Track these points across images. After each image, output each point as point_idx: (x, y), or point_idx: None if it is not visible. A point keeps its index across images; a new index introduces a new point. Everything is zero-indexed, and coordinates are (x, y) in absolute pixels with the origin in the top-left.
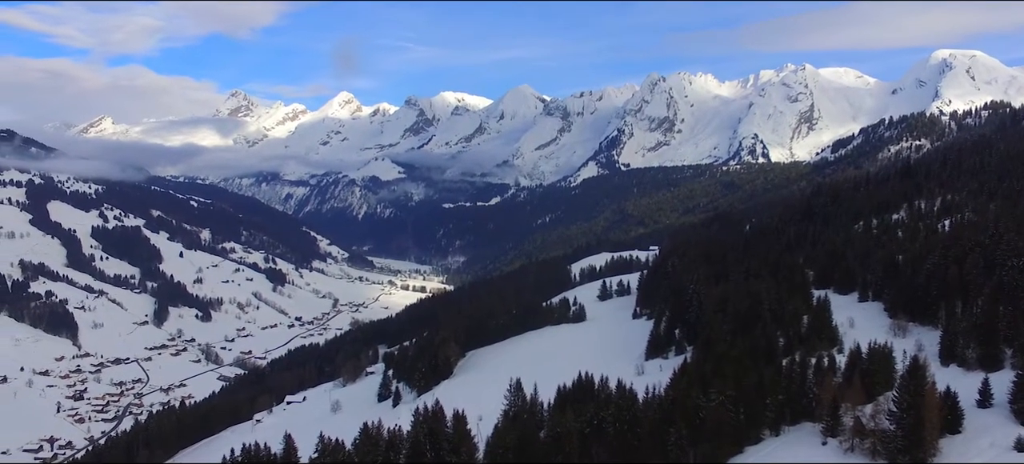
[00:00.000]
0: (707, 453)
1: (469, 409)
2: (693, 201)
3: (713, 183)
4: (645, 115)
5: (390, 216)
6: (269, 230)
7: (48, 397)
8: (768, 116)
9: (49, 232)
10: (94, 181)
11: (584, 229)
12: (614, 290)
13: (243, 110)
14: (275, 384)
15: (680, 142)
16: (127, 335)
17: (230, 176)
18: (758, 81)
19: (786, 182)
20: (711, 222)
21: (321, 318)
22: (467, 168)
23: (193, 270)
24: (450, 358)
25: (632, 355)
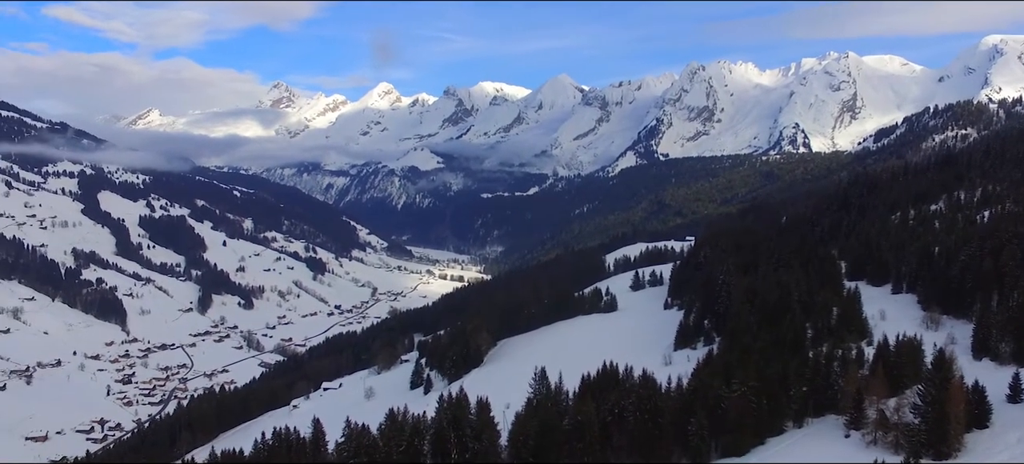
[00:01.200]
0: (728, 444)
1: (498, 397)
2: (731, 191)
3: (752, 173)
4: (684, 104)
5: (429, 206)
6: (310, 219)
7: (99, 380)
8: (809, 105)
9: (99, 221)
10: (142, 172)
11: (621, 219)
12: (647, 280)
13: (285, 101)
14: (313, 371)
15: (719, 132)
16: (173, 321)
17: (272, 166)
18: (800, 70)
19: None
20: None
21: (360, 307)
22: (505, 158)
23: (236, 259)
24: (481, 347)
25: (661, 345)
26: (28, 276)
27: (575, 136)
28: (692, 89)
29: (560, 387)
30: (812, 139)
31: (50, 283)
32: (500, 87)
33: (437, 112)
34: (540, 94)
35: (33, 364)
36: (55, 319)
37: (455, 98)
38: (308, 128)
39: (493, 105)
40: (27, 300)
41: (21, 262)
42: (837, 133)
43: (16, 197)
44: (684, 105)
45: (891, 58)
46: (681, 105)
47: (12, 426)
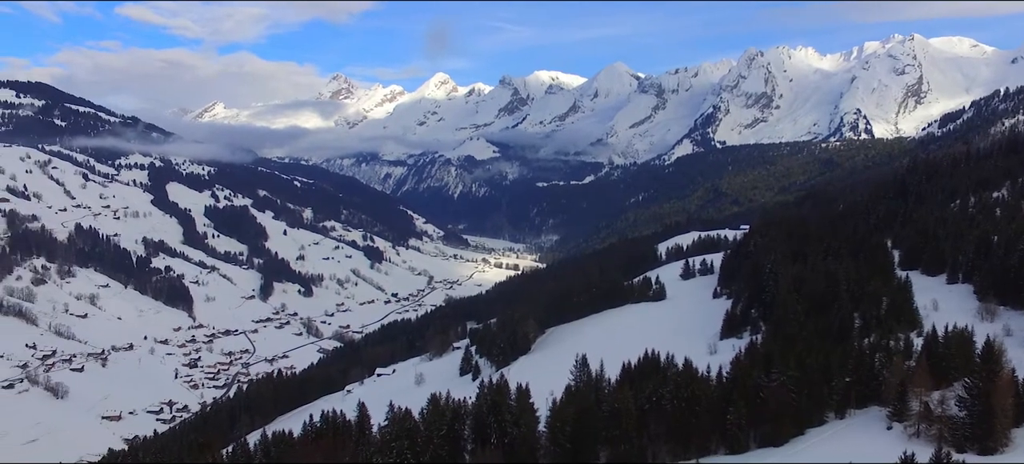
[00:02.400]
0: (766, 434)
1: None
2: (789, 179)
3: (811, 160)
4: (742, 91)
5: (485, 195)
6: (368, 209)
7: (167, 364)
8: (872, 90)
9: (168, 211)
10: (207, 163)
11: (677, 207)
12: (697, 269)
13: (343, 93)
14: (368, 357)
15: (778, 119)
16: (236, 308)
17: (331, 157)
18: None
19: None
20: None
21: (416, 294)
22: (561, 147)
23: (296, 247)
24: (529, 334)
25: (707, 335)
26: (103, 264)
27: (631, 124)
28: (750, 75)
29: (601, 375)
30: (874, 125)
31: (123, 271)
32: (556, 76)
33: (493, 102)
34: (596, 82)
35: (108, 348)
36: (128, 305)
37: (511, 87)
38: (366, 119)
39: (548, 94)
40: (102, 287)
41: (97, 251)
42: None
43: (92, 189)
44: (742, 92)
45: (960, 40)
46: (738, 92)
47: (90, 406)
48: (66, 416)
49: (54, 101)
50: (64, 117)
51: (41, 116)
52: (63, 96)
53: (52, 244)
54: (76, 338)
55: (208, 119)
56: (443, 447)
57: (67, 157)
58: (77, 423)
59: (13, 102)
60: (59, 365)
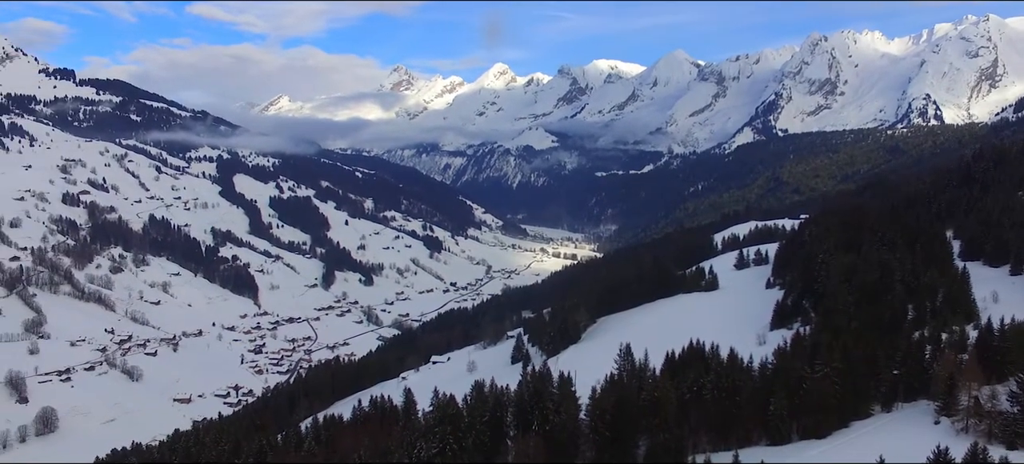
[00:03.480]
0: (809, 426)
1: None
2: (853, 167)
3: (875, 148)
4: (805, 77)
5: (543, 185)
6: (427, 199)
7: (234, 350)
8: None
9: (235, 202)
10: (272, 155)
11: (736, 196)
12: (751, 259)
13: (404, 84)
14: (424, 345)
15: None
16: (299, 296)
17: (392, 148)
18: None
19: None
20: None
21: (474, 284)
22: (620, 136)
23: (357, 237)
24: (579, 323)
25: (758, 325)
26: (174, 253)
27: (690, 112)
28: (813, 61)
29: (645, 364)
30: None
31: (193, 259)
32: (614, 64)
33: (551, 91)
34: (655, 71)
35: (179, 333)
36: (197, 293)
37: (569, 77)
38: (426, 110)
39: (607, 83)
40: (174, 275)
41: (169, 240)
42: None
43: (164, 181)
44: (804, 78)
45: None
46: (801, 78)
47: (162, 389)
48: (141, 398)
49: (130, 97)
50: (139, 112)
51: (118, 112)
52: (138, 92)
53: (128, 234)
54: (150, 324)
55: (273, 112)
56: (485, 433)
57: (142, 151)
58: (151, 405)
59: (94, 99)
60: (134, 349)
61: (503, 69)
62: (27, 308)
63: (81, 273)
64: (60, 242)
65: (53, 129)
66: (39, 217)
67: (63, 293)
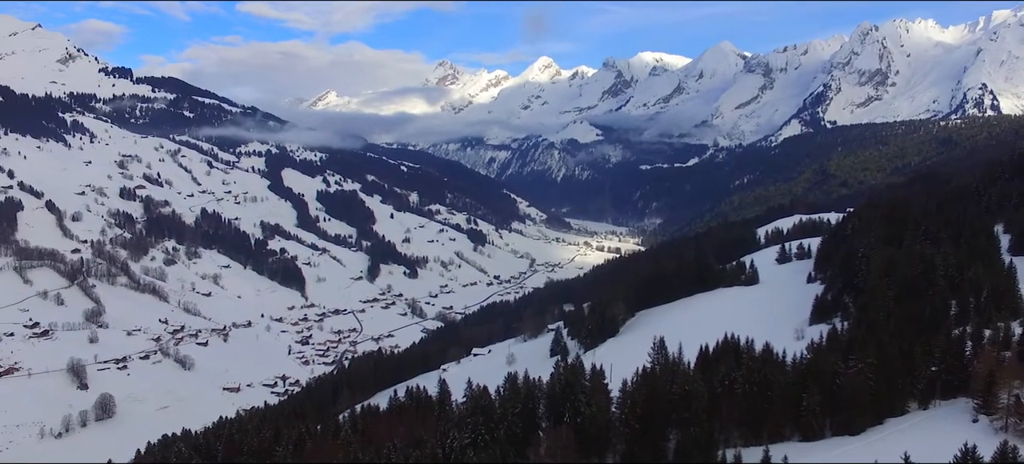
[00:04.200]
0: (842, 422)
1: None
2: (903, 160)
3: (927, 139)
4: (854, 68)
5: (588, 178)
6: (472, 193)
7: (281, 341)
8: (1000, 63)
9: (283, 196)
10: (319, 149)
11: (782, 190)
12: (793, 253)
13: (449, 78)
14: (466, 337)
15: (893, 96)
16: (345, 289)
17: (437, 142)
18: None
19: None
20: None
21: (518, 277)
22: (665, 129)
23: (402, 230)
24: (617, 317)
25: (797, 320)
26: (225, 246)
27: (737, 105)
28: (863, 51)
29: (678, 358)
30: (1002, 100)
31: (242, 252)
32: (660, 57)
33: (596, 84)
34: (700, 63)
35: (229, 324)
36: (246, 284)
37: (614, 70)
38: (471, 104)
39: (652, 76)
40: (224, 267)
41: (219, 233)
42: None
43: (216, 175)
44: (854, 69)
45: None
46: (851, 69)
47: (213, 378)
48: (192, 386)
49: (183, 94)
50: (192, 109)
51: (172, 108)
52: (191, 89)
53: (181, 227)
54: (201, 314)
55: (321, 107)
56: (517, 424)
57: (194, 146)
58: (202, 393)
59: (149, 96)
60: (187, 339)
61: (548, 62)
62: (87, 298)
63: (137, 265)
64: (117, 235)
65: (111, 126)
66: (98, 211)
67: (120, 284)
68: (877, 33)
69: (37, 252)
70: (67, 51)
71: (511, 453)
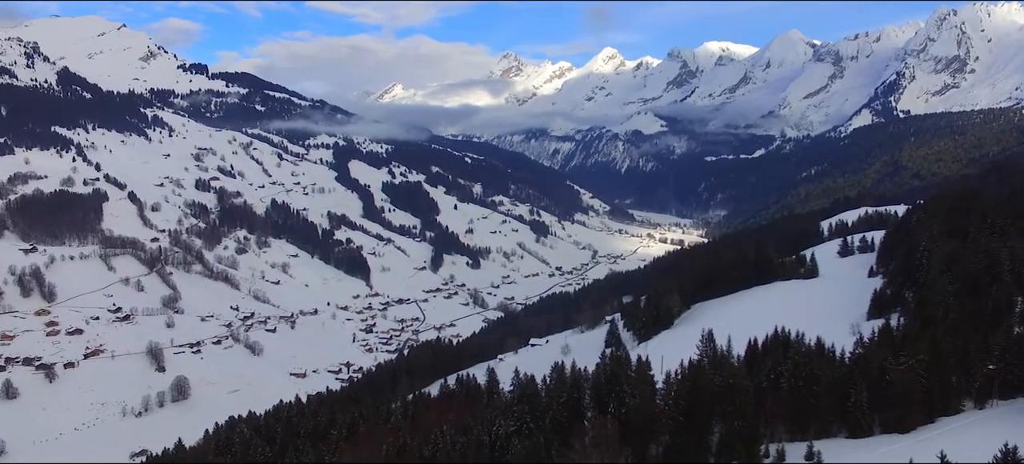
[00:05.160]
0: (891, 420)
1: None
2: (980, 150)
3: (1008, 129)
4: (930, 55)
5: (652, 170)
6: (535, 184)
7: (346, 328)
8: None
9: (349, 187)
10: (385, 141)
11: (851, 182)
12: (856, 247)
13: (513, 70)
14: (524, 328)
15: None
16: (408, 279)
17: (502, 133)
18: None
19: None
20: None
21: (580, 268)
22: (730, 120)
23: (465, 221)
24: (672, 309)
25: (854, 315)
26: (293, 235)
27: (805, 95)
28: (940, 37)
29: (727, 350)
30: None
31: (310, 242)
32: (726, 46)
33: (661, 75)
34: (768, 52)
35: (296, 312)
36: (313, 273)
37: (679, 60)
38: (535, 95)
39: (718, 66)
40: (292, 257)
41: (288, 223)
42: None
43: (285, 167)
44: (930, 56)
45: None
46: (926, 56)
47: (280, 363)
48: (261, 371)
49: (255, 89)
50: (263, 103)
51: (244, 103)
52: (262, 84)
53: (252, 217)
54: (270, 302)
55: (388, 100)
56: (562, 413)
57: (265, 139)
58: (270, 378)
59: (223, 91)
60: (256, 326)
61: (612, 53)
62: (165, 285)
63: (211, 254)
64: (193, 225)
65: (188, 120)
66: (176, 202)
67: (195, 272)
68: (955, 18)
69: (120, 240)
70: (149, 49)
71: (555, 442)
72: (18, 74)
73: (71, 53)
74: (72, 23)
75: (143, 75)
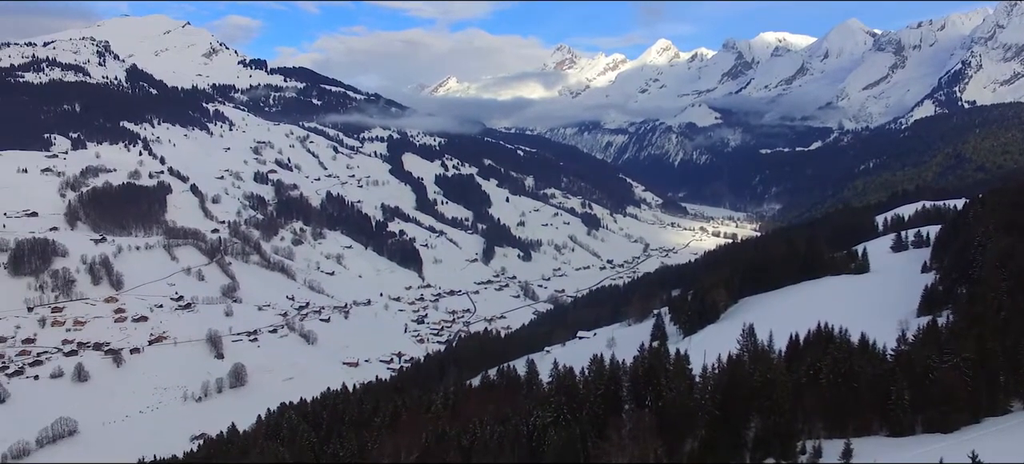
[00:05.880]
0: (933, 419)
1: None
2: None
3: None
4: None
5: (705, 162)
6: (587, 177)
7: (398, 319)
8: None
9: (403, 180)
10: (438, 134)
11: (911, 175)
12: (910, 242)
13: (567, 63)
14: (573, 320)
15: None
16: (460, 271)
17: (554, 126)
18: None
19: None
20: None
21: (631, 262)
22: (786, 112)
23: (517, 214)
24: (718, 303)
25: (903, 311)
26: (348, 227)
27: (864, 86)
28: (1010, 24)
29: (769, 345)
30: None
31: (364, 233)
32: (782, 37)
33: (715, 67)
34: (826, 42)
35: (350, 302)
36: (367, 265)
37: (734, 51)
38: (588, 88)
39: (774, 56)
40: (346, 248)
41: (343, 215)
42: None
43: (341, 160)
44: (998, 43)
45: None
46: (995, 43)
47: (334, 352)
48: (315, 359)
49: (312, 83)
50: (319, 97)
51: (301, 97)
52: (319, 78)
53: (308, 209)
54: (325, 292)
55: (442, 93)
56: (599, 405)
57: (321, 132)
58: (323, 366)
59: (281, 86)
60: (311, 315)
61: (666, 45)
62: (224, 275)
63: (268, 244)
64: (251, 216)
65: (247, 114)
66: (235, 194)
67: (253, 262)
68: None
69: (182, 231)
70: (211, 46)
71: (591, 433)
72: (91, 72)
73: (139, 51)
74: (140, 22)
75: (205, 71)
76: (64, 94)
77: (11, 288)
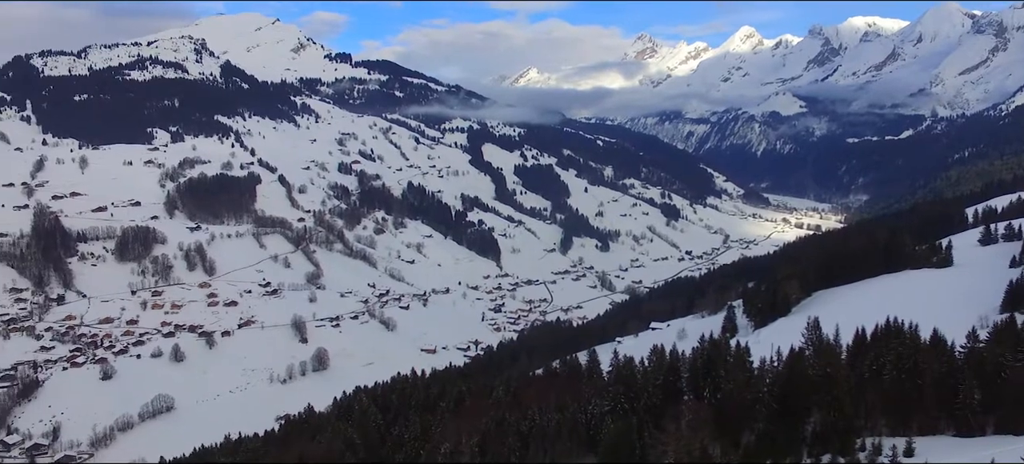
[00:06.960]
0: (1004, 419)
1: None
2: None
3: None
4: None
5: (789, 152)
6: (667, 167)
7: (475, 308)
8: None
9: (482, 170)
10: (518, 125)
11: (1009, 164)
12: (1000, 235)
13: (647, 52)
14: (647, 311)
15: None
16: (538, 260)
17: (635, 116)
18: None
19: None
20: None
21: (710, 253)
22: (875, 99)
23: (595, 204)
24: (789, 296)
25: (986, 307)
26: (428, 217)
27: (961, 70)
28: None
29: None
30: None
31: (443, 223)
32: (872, 21)
33: (801, 53)
34: (919, 25)
35: (429, 290)
36: (446, 254)
37: (821, 37)
38: (670, 77)
39: (863, 42)
40: (426, 237)
41: (424, 205)
42: None
43: (422, 151)
44: None
45: None
46: None
47: (413, 339)
48: (394, 346)
49: (394, 75)
50: (401, 89)
51: (384, 89)
52: (401, 70)
53: (389, 199)
54: (404, 280)
55: (522, 84)
56: (657, 396)
57: (403, 124)
58: (402, 352)
59: (365, 79)
60: (391, 302)
61: (749, 32)
62: (308, 262)
63: (350, 233)
64: (335, 206)
65: (333, 107)
66: (320, 184)
67: (336, 250)
68: None
69: (270, 220)
70: (299, 41)
71: (648, 423)
72: (189, 69)
73: (232, 47)
74: (234, 20)
75: (293, 65)
76: (165, 90)
77: (117, 272)
